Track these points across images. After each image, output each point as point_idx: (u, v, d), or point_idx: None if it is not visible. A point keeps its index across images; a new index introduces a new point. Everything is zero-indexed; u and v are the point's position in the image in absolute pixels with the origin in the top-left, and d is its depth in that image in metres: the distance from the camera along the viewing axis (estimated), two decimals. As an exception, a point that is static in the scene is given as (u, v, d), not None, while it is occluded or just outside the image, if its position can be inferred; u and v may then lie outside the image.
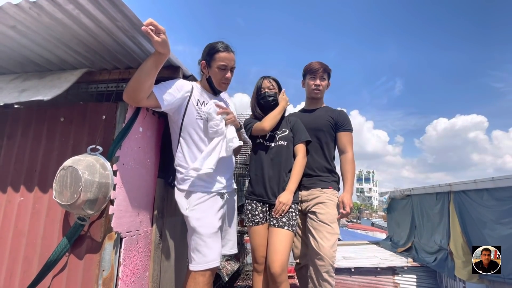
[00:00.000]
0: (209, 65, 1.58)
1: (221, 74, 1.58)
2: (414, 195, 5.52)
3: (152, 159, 1.69)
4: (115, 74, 1.58)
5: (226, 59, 1.55)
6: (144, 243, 1.58)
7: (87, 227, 1.36)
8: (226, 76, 1.59)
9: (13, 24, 1.22)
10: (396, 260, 5.10)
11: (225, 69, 1.57)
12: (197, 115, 1.54)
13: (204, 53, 1.60)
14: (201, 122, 1.55)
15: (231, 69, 1.61)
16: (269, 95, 1.87)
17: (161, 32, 1.24)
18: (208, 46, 1.59)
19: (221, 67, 1.55)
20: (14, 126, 1.59)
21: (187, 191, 1.51)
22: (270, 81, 1.91)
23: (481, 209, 3.63)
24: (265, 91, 1.88)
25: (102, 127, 1.45)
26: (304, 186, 1.92)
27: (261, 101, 1.89)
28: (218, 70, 1.56)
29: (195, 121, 1.54)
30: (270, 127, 1.78)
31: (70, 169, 1.24)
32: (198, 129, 1.54)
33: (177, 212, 1.95)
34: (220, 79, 1.59)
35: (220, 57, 1.54)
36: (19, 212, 1.47)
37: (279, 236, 1.67)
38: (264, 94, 1.87)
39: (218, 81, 1.60)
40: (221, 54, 1.54)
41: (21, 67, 1.60)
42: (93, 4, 1.12)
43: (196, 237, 1.45)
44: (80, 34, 1.29)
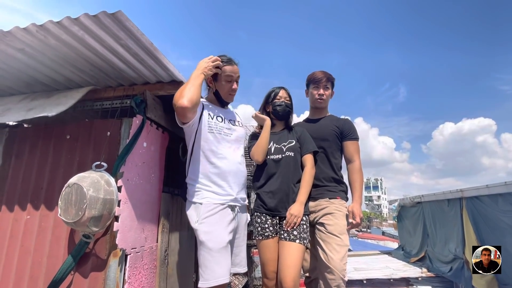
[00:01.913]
0: (215, 79, 1.63)
1: (228, 86, 1.63)
2: (424, 202, 5.38)
3: (157, 173, 1.69)
4: (119, 91, 1.61)
5: (231, 71, 1.61)
6: (149, 259, 1.55)
7: (92, 245, 1.35)
8: (233, 88, 1.65)
9: (21, 47, 1.26)
10: (409, 270, 4.92)
11: (231, 80, 1.63)
12: (209, 128, 1.57)
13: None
14: (212, 135, 1.57)
15: (237, 80, 1.66)
16: (287, 105, 1.89)
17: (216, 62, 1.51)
18: None
19: (227, 79, 1.61)
20: (22, 145, 1.62)
21: (197, 203, 1.50)
22: (287, 92, 1.94)
23: (497, 214, 3.51)
24: (282, 100, 1.90)
25: (107, 143, 1.46)
26: (311, 197, 1.88)
27: (278, 107, 1.89)
28: (225, 83, 1.62)
29: (206, 134, 1.56)
30: (263, 159, 1.80)
31: (75, 186, 1.24)
32: (210, 143, 1.56)
33: (182, 226, 1.93)
34: (228, 91, 1.65)
35: (224, 70, 1.60)
36: (25, 231, 1.47)
37: (291, 250, 1.62)
38: (282, 103, 1.89)
39: (225, 93, 1.65)
40: (225, 67, 1.60)
41: (29, 87, 1.64)
42: (97, 25, 1.15)
43: (204, 252, 1.43)
44: (85, 54, 1.33)
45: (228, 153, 1.60)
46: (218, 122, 1.62)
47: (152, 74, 1.53)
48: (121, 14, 1.10)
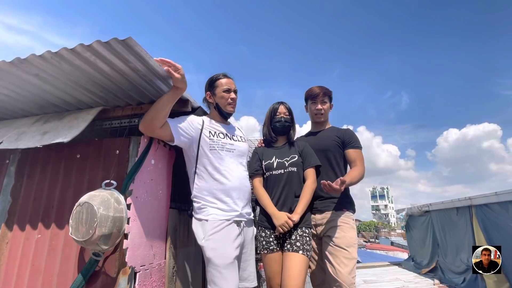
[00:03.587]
0: (213, 93, 1.72)
1: (227, 96, 1.70)
2: (432, 211, 5.29)
3: (164, 190, 1.72)
4: (127, 110, 1.67)
5: (227, 83, 1.70)
6: (158, 276, 1.56)
7: (102, 263, 1.37)
8: (232, 97, 1.72)
9: (36, 73, 1.33)
10: (421, 282, 4.77)
11: (229, 91, 1.70)
12: (211, 146, 1.61)
13: (207, 86, 1.76)
14: (215, 152, 1.61)
15: (234, 91, 1.74)
16: (286, 121, 1.93)
17: (178, 69, 1.40)
18: (209, 79, 1.76)
19: (225, 90, 1.69)
20: (34, 165, 1.67)
21: (203, 220, 1.52)
22: (285, 107, 1.97)
23: (508, 222, 3.43)
24: (281, 116, 1.94)
25: (116, 161, 1.50)
26: (317, 209, 1.88)
27: (277, 124, 1.93)
28: (223, 93, 1.69)
29: (209, 152, 1.60)
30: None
31: (86, 205, 1.27)
32: (213, 160, 1.60)
33: (189, 242, 1.93)
34: (226, 101, 1.71)
35: (221, 83, 1.70)
36: (36, 250, 1.49)
37: (294, 260, 1.62)
38: (281, 119, 1.93)
39: (224, 104, 1.72)
40: (221, 80, 1.71)
41: (42, 109, 1.70)
42: (108, 50, 1.21)
43: (212, 269, 1.43)
44: (95, 77, 1.39)
45: (231, 169, 1.63)
46: (220, 139, 1.66)
47: (158, 93, 1.59)
48: (130, 40, 1.17)
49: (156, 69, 1.37)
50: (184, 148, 1.64)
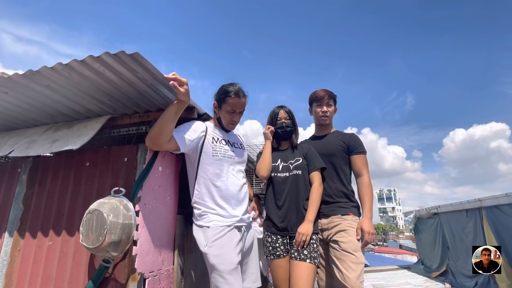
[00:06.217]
0: (220, 106, 1.70)
1: (229, 117, 1.70)
2: (441, 213, 5.21)
3: (172, 196, 1.73)
4: (135, 118, 1.70)
5: (234, 105, 1.65)
6: (166, 282, 1.57)
7: (112, 269, 1.38)
8: (233, 119, 1.72)
9: (48, 84, 1.37)
10: (431, 286, 4.68)
11: (233, 112, 1.69)
12: (213, 152, 1.62)
13: (217, 94, 1.72)
14: (217, 159, 1.62)
15: (240, 112, 1.72)
16: (287, 125, 1.93)
17: (184, 84, 1.38)
18: (222, 88, 1.70)
19: (230, 111, 1.68)
20: (45, 173, 1.70)
21: (205, 227, 1.53)
22: (286, 111, 1.98)
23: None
24: (282, 121, 1.95)
25: (124, 169, 1.53)
26: (323, 214, 1.88)
27: (279, 130, 1.94)
28: (227, 113, 1.69)
29: (211, 158, 1.61)
30: (267, 174, 1.84)
31: (96, 212, 1.30)
32: (215, 166, 1.61)
33: (196, 247, 1.94)
34: (228, 121, 1.72)
35: (229, 103, 1.65)
36: (47, 257, 1.52)
37: (301, 269, 1.61)
38: (282, 124, 1.94)
39: (226, 123, 1.73)
40: (231, 100, 1.64)
41: (52, 118, 1.75)
42: (116, 61, 1.25)
43: (216, 275, 1.44)
44: (104, 86, 1.42)
45: (231, 175, 1.65)
46: (223, 145, 1.68)
47: (166, 101, 1.61)
48: (137, 55, 1.20)
49: (162, 80, 1.40)
50: (187, 153, 1.65)
